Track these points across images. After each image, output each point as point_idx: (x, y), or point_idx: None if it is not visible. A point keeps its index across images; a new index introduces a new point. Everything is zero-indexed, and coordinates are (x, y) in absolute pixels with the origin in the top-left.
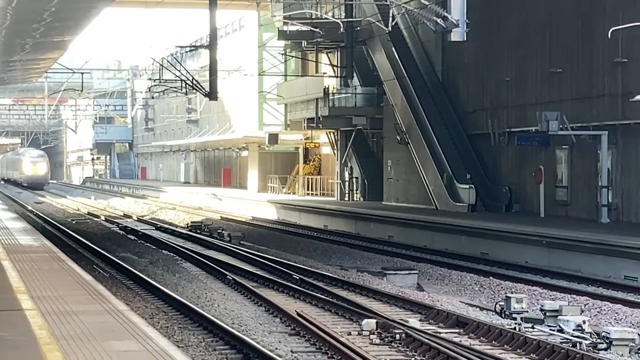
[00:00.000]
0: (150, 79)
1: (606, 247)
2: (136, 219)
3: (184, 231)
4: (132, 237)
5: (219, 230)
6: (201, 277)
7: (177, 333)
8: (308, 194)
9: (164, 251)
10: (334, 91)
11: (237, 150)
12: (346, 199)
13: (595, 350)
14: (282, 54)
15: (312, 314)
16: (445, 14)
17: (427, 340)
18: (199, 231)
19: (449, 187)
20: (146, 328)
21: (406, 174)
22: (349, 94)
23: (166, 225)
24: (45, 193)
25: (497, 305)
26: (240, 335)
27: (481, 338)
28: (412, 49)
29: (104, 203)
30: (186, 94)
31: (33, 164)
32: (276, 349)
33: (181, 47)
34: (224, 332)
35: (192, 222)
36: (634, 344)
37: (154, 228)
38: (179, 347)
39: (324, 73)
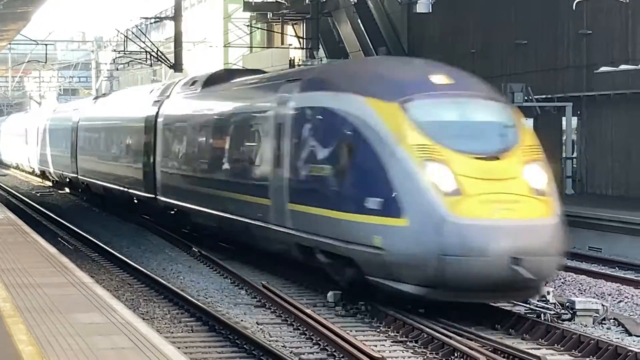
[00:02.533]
0: (114, 50)
1: (570, 218)
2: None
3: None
4: (97, 210)
5: None
6: (167, 249)
7: (142, 305)
8: None
9: (129, 223)
10: (300, 63)
11: None
12: None
13: (560, 321)
14: (248, 26)
15: (277, 286)
16: None
17: (391, 312)
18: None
19: None
20: (111, 300)
21: None
22: (315, 66)
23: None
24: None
25: None
26: (205, 307)
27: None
28: (377, 20)
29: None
30: (151, 65)
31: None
32: (242, 320)
33: (146, 18)
34: (190, 304)
35: None
36: (597, 315)
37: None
38: (144, 319)
39: (290, 45)
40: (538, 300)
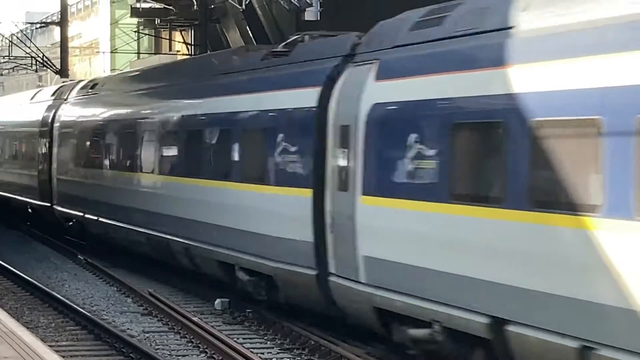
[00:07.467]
0: None
1: None
2: None
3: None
4: None
5: None
6: (52, 257)
7: (26, 314)
8: None
9: (13, 230)
10: None
11: None
12: None
13: None
14: (135, 32)
15: (164, 294)
16: None
17: (279, 319)
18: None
19: None
20: None
21: None
22: None
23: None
24: None
25: None
26: (90, 315)
27: None
28: (266, 27)
29: None
30: (36, 71)
31: None
32: (128, 329)
33: (31, 23)
34: (75, 313)
35: None
36: None
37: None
38: (28, 328)
39: (178, 51)
40: None
